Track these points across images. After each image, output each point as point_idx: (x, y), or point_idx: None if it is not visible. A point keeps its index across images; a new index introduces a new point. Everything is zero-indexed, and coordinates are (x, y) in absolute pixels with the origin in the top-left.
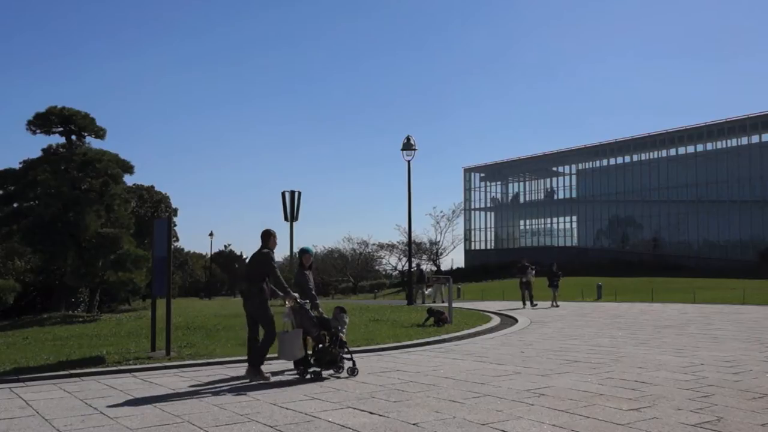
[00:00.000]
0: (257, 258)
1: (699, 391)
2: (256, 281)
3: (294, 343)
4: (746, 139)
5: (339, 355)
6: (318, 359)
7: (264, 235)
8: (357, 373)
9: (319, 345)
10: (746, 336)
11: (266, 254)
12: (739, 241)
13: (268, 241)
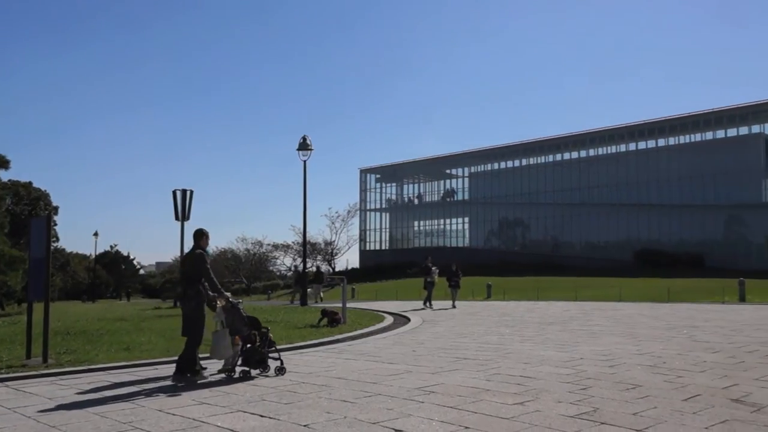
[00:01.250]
0: (191, 259)
1: (578, 384)
2: (193, 283)
3: (225, 343)
4: (624, 146)
5: (267, 354)
6: (247, 359)
7: (196, 234)
8: (285, 372)
9: (248, 345)
10: (621, 331)
11: (200, 255)
12: (618, 242)
13: (201, 241)
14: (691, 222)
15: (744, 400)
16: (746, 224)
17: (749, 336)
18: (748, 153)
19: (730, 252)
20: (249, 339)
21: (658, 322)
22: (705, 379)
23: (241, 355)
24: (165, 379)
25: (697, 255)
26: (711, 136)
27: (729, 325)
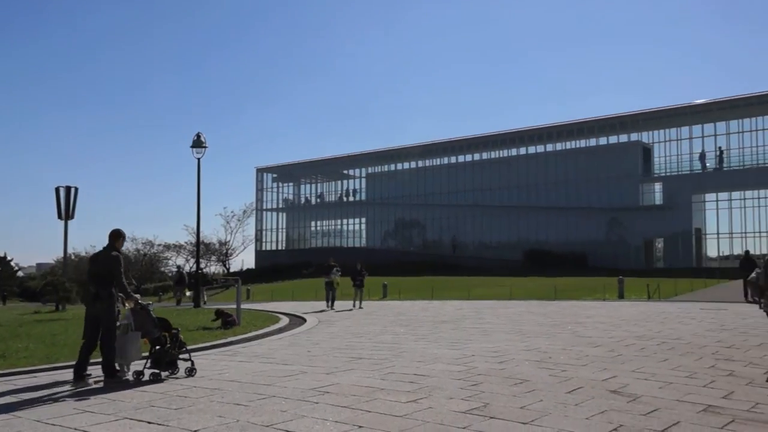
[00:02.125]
0: (107, 259)
1: (469, 381)
2: (107, 284)
3: (134, 346)
4: (515, 150)
5: (177, 355)
6: (157, 360)
7: (114, 235)
8: (195, 373)
9: (157, 347)
10: (511, 328)
11: (117, 257)
12: (509, 243)
13: (117, 242)
14: (576, 224)
15: (621, 391)
16: (625, 226)
17: (627, 330)
18: (627, 159)
19: (611, 252)
20: (159, 341)
21: (545, 319)
22: (587, 372)
23: (151, 357)
24: (45, 387)
25: (581, 255)
26: (594, 142)
27: (609, 321)
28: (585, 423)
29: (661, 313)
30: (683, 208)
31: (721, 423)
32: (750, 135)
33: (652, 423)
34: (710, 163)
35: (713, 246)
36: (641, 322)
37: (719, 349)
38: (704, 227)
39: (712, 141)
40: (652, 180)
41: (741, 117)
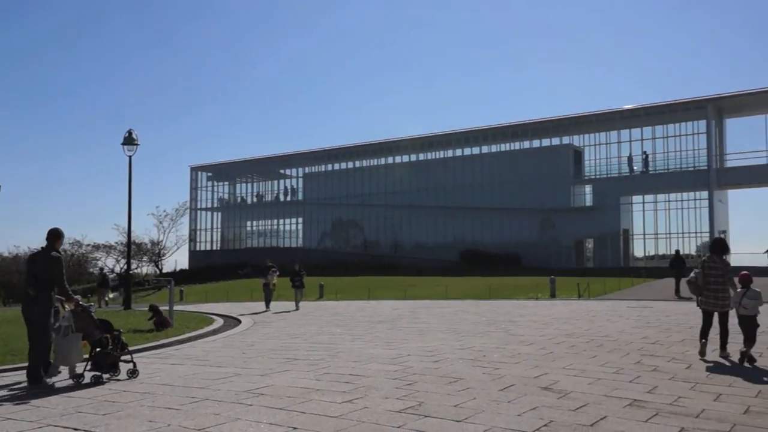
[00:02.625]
0: (47, 261)
1: (405, 380)
2: (45, 286)
3: (74, 348)
4: (451, 152)
5: (119, 357)
6: (98, 362)
7: (53, 235)
8: (138, 375)
9: (97, 348)
10: (446, 327)
11: (58, 258)
12: (445, 243)
13: (56, 243)
14: (510, 224)
15: (552, 387)
16: (557, 227)
17: (558, 329)
18: (559, 162)
19: (544, 252)
20: (100, 343)
21: (479, 318)
22: (519, 369)
23: (92, 359)
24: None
25: (515, 255)
26: (528, 145)
27: (541, 319)
28: (517, 420)
29: (591, 311)
30: (612, 209)
31: (646, 416)
32: (674, 140)
33: (580, 418)
34: (637, 167)
35: (640, 246)
36: (572, 320)
37: (644, 345)
38: (631, 228)
39: (639, 145)
40: (582, 182)
41: (666, 123)
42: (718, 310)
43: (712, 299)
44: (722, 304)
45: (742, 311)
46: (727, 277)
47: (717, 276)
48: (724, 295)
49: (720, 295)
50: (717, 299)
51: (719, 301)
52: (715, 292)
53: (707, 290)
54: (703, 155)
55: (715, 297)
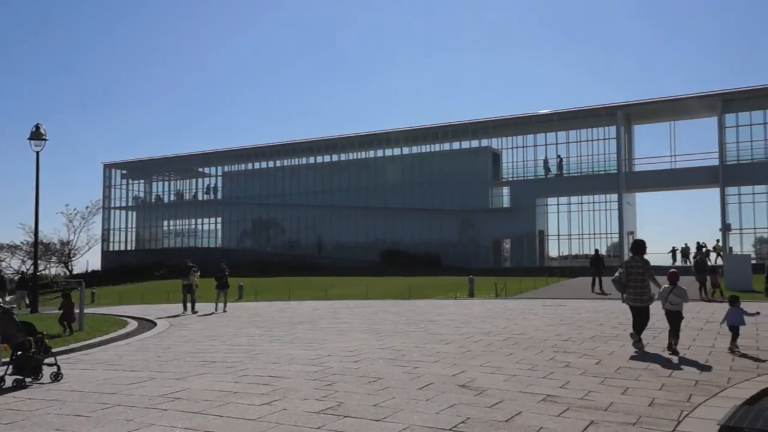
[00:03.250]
0: None
1: (324, 381)
2: None
3: None
4: (373, 152)
5: (42, 360)
6: (20, 366)
7: None
8: (61, 378)
9: (19, 352)
10: (366, 327)
11: None
12: (366, 243)
13: None
14: (430, 225)
15: (469, 385)
16: (476, 228)
17: (476, 327)
18: (478, 164)
19: (463, 252)
20: (23, 346)
21: (399, 317)
22: (438, 368)
23: (13, 363)
24: None
25: (435, 255)
26: (448, 147)
27: (460, 318)
28: (435, 417)
29: (508, 310)
30: (528, 210)
31: (558, 411)
32: (586, 144)
33: (496, 414)
34: (552, 170)
35: (554, 246)
36: (489, 319)
37: (558, 342)
38: (546, 229)
39: (554, 149)
40: (500, 184)
41: (579, 128)
42: (639, 305)
43: (632, 295)
44: (642, 299)
45: (668, 306)
46: (648, 275)
47: (638, 274)
48: (644, 291)
49: (640, 291)
50: (637, 295)
51: (639, 296)
52: (636, 288)
53: (630, 287)
54: (614, 159)
55: (635, 293)
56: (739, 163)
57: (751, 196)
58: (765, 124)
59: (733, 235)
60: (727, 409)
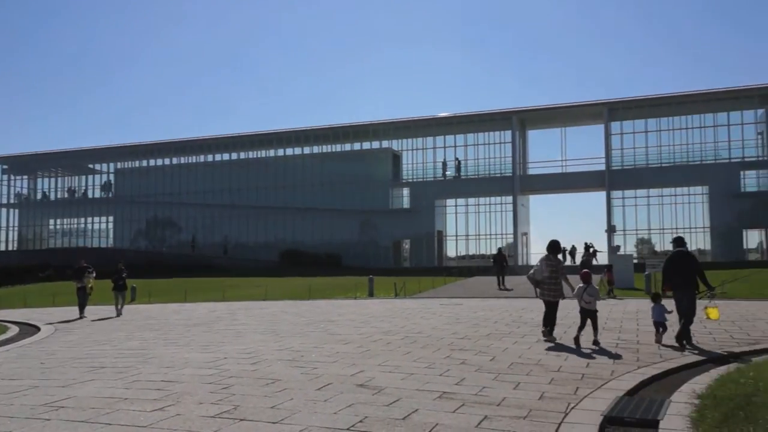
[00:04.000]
0: None
1: (220, 384)
2: None
3: None
4: (273, 151)
5: None
6: None
7: None
8: None
9: None
10: (265, 328)
11: None
12: (266, 243)
13: None
14: (331, 225)
15: (368, 384)
16: (377, 228)
17: (375, 327)
18: (379, 165)
19: (363, 252)
20: None
21: (299, 318)
22: (336, 368)
23: None
24: None
25: (335, 255)
26: (349, 147)
27: (359, 318)
28: (333, 418)
29: (406, 309)
30: (427, 211)
31: (454, 407)
32: (483, 148)
33: (394, 412)
34: (450, 172)
35: (452, 246)
36: (388, 318)
37: (454, 340)
38: (445, 229)
39: (452, 151)
40: (400, 185)
41: (476, 131)
42: (551, 300)
43: (546, 291)
44: (554, 295)
45: (583, 304)
46: (561, 273)
47: (552, 272)
48: (557, 287)
49: (554, 287)
50: (551, 291)
51: (552, 292)
52: (550, 285)
53: (545, 284)
54: (509, 163)
55: (549, 289)
56: (623, 168)
57: (633, 199)
58: (646, 133)
59: (618, 236)
60: (610, 401)
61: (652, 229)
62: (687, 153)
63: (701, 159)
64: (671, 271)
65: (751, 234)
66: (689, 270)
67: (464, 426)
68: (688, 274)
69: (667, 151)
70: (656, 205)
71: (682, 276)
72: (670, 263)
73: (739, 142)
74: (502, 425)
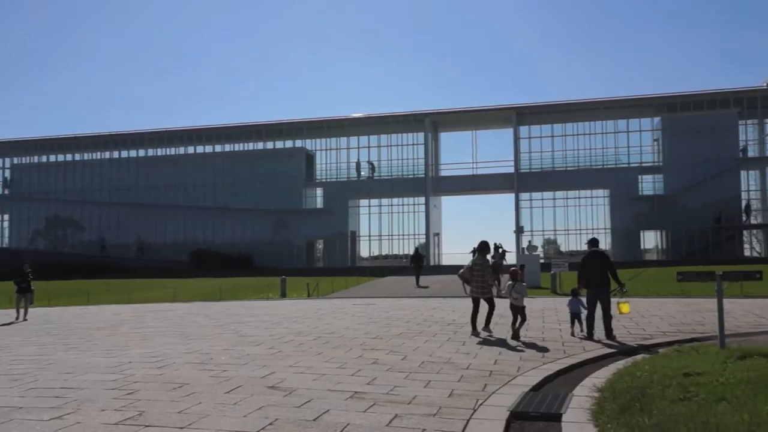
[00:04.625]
0: None
1: (125, 389)
2: None
3: None
4: (183, 149)
5: None
6: None
7: None
8: None
9: None
10: (173, 331)
11: None
12: (175, 243)
13: None
14: (243, 225)
15: (279, 386)
16: (290, 228)
17: (287, 328)
18: (292, 164)
19: (276, 252)
20: None
21: (209, 320)
22: (247, 370)
23: None
24: None
25: (247, 255)
26: (262, 146)
27: (271, 319)
28: (242, 421)
29: (319, 309)
30: (341, 212)
31: (365, 407)
32: (397, 149)
33: (305, 414)
34: (364, 172)
35: (366, 247)
36: (300, 319)
37: (366, 340)
38: (358, 230)
39: (366, 152)
40: (314, 185)
41: (390, 132)
42: (480, 296)
43: (475, 288)
44: (482, 292)
45: (512, 300)
46: (487, 272)
47: (480, 272)
48: (484, 285)
49: (482, 285)
50: (479, 288)
51: (480, 290)
52: (478, 283)
53: (474, 281)
54: (422, 164)
55: (478, 287)
56: (531, 171)
57: (540, 201)
58: (552, 137)
59: (525, 236)
60: (516, 396)
61: (558, 230)
62: (590, 157)
63: (603, 164)
64: (586, 269)
65: (647, 235)
66: (603, 268)
67: (375, 425)
68: (602, 272)
69: (572, 155)
70: (562, 207)
71: (597, 274)
72: (586, 262)
73: (638, 148)
74: (412, 423)
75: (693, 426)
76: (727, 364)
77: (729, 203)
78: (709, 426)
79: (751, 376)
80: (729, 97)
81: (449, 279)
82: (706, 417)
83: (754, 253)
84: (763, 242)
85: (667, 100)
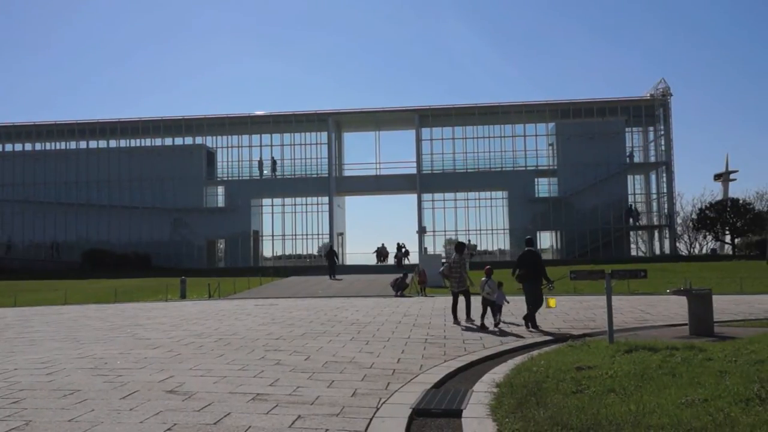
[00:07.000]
0: None
1: (10, 398)
2: None
3: None
4: (75, 143)
5: None
6: None
7: None
8: None
9: None
10: (64, 335)
11: None
12: (66, 243)
13: None
14: (140, 224)
15: (177, 390)
16: (190, 227)
17: (186, 330)
18: (192, 162)
19: (175, 252)
20: None
21: (103, 323)
22: (144, 375)
23: None
24: None
25: (145, 255)
26: (160, 142)
27: (170, 321)
28: (139, 427)
29: (221, 310)
30: (243, 211)
31: (267, 409)
32: (300, 148)
33: (205, 418)
34: (267, 171)
35: (269, 246)
36: (201, 321)
37: (269, 341)
38: (261, 229)
39: (269, 150)
40: (215, 183)
41: (293, 131)
42: (457, 291)
43: (454, 284)
44: (460, 286)
45: (485, 295)
46: (463, 269)
47: (457, 268)
48: (462, 281)
49: (460, 280)
50: (458, 283)
51: (458, 285)
52: (456, 279)
53: (452, 278)
54: (325, 164)
55: (456, 282)
56: (432, 172)
57: (442, 202)
58: (453, 140)
59: (428, 236)
60: (419, 394)
61: (459, 230)
62: (489, 160)
63: (502, 166)
64: (522, 265)
65: (543, 235)
66: (536, 266)
67: (277, 427)
68: (534, 269)
69: (472, 157)
70: (462, 208)
71: (530, 270)
72: (521, 260)
73: (534, 152)
74: (315, 424)
75: (584, 417)
76: (615, 358)
77: (617, 206)
78: (599, 417)
79: (637, 369)
80: (617, 105)
81: (353, 278)
82: (596, 408)
83: (639, 253)
84: (648, 243)
85: (560, 107)
